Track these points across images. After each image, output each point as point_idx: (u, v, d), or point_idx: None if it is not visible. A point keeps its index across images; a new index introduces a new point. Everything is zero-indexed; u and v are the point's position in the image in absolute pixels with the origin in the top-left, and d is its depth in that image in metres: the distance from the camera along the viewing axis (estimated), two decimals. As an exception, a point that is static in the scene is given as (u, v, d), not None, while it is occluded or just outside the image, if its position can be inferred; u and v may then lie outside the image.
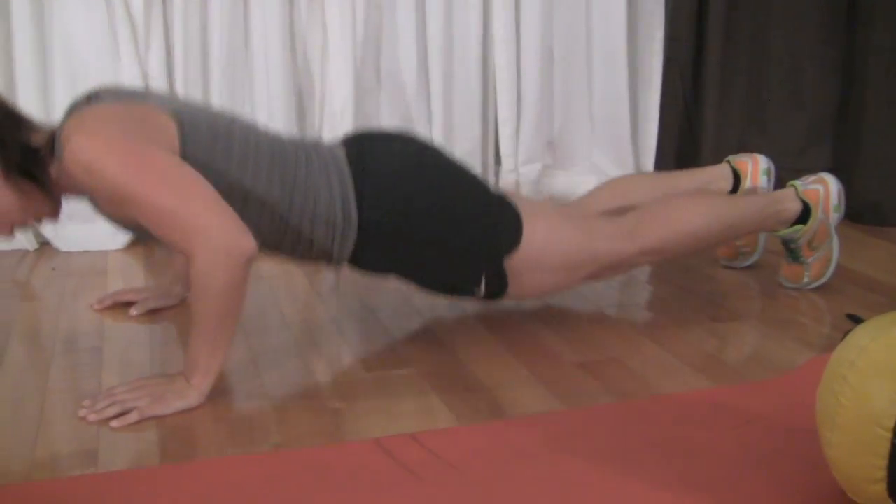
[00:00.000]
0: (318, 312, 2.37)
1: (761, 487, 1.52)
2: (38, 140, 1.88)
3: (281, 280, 2.62)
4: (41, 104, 2.92)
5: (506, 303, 2.22)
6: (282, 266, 2.71)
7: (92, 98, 1.91)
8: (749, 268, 2.67)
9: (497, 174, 3.38)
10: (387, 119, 3.22)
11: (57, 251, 2.96)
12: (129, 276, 2.72)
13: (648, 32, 3.40)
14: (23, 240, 2.96)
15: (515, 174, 3.31)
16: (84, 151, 1.74)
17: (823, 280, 2.45)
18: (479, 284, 2.09)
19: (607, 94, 3.41)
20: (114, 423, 1.76)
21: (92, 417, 1.78)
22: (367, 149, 2.09)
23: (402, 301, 2.42)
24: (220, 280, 1.75)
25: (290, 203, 1.95)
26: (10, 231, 1.97)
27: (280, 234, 1.98)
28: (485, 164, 3.35)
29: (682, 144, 3.46)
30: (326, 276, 2.66)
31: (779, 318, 2.30)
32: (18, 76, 2.89)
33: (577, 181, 3.42)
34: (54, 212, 2.00)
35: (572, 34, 3.36)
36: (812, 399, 1.43)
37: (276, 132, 2.10)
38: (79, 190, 1.90)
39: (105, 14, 2.89)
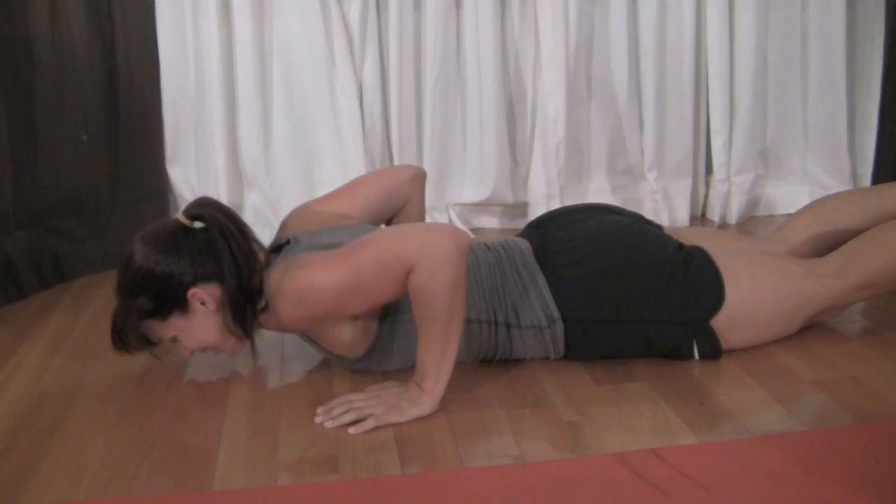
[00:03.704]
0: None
1: None
2: (257, 280, 1.95)
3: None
4: (260, 109, 3.00)
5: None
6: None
7: (292, 241, 1.98)
8: None
9: (708, 184, 3.30)
10: (598, 128, 3.19)
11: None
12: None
13: (868, 36, 3.28)
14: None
15: (727, 184, 3.23)
16: (298, 280, 1.82)
17: None
18: (691, 350, 2.05)
19: (823, 102, 3.30)
20: (351, 430, 1.78)
21: (329, 423, 1.81)
22: (549, 239, 2.10)
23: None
24: (446, 276, 1.75)
25: (495, 318, 1.99)
26: (190, 354, 2.01)
27: (493, 349, 2.03)
28: (696, 174, 3.29)
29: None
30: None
31: None
32: (239, 81, 2.97)
33: (791, 192, 3.35)
34: (237, 350, 2.04)
35: (788, 39, 3.26)
36: None
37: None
38: (279, 328, 2.01)
39: (322, 23, 2.95)
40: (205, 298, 1.90)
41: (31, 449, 1.76)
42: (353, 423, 1.80)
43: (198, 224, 1.93)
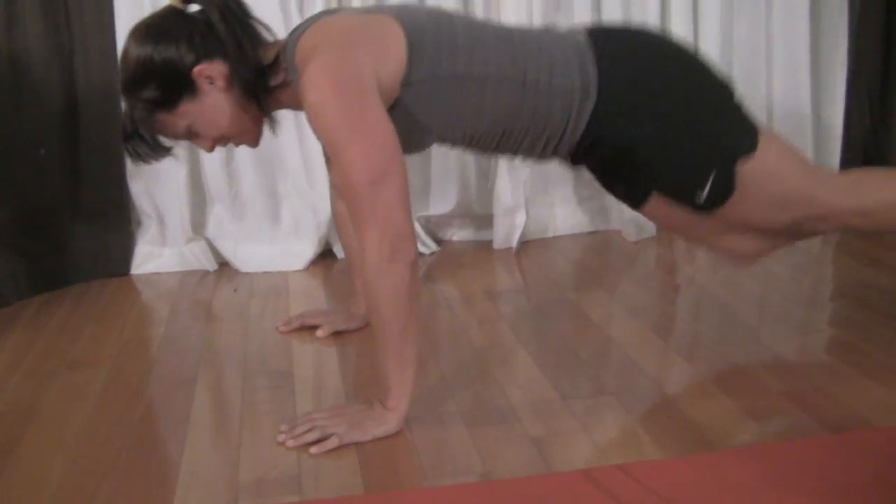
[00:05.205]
0: (506, 337, 2.32)
1: None
2: (268, 56, 1.87)
3: (465, 305, 2.58)
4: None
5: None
6: (465, 291, 2.69)
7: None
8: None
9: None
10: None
11: (236, 272, 2.99)
12: (311, 297, 2.73)
13: (832, 43, 3.28)
14: (203, 260, 3.00)
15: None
16: (315, 89, 1.72)
17: None
18: (704, 185, 1.90)
19: (788, 110, 3.29)
20: (313, 450, 1.75)
21: (291, 443, 1.77)
22: (610, 29, 2.02)
23: (588, 325, 2.36)
24: (381, 290, 1.71)
25: (524, 77, 1.86)
26: (211, 146, 1.96)
27: (516, 113, 1.89)
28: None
29: (869, 163, 3.31)
30: (510, 300, 2.63)
31: None
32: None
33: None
34: (257, 135, 1.99)
35: (752, 46, 3.24)
36: None
37: (497, 22, 2.02)
38: (296, 108, 1.92)
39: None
40: (212, 74, 1.83)
41: (-15, 472, 1.73)
42: (316, 441, 1.76)
43: (192, 5, 1.85)
